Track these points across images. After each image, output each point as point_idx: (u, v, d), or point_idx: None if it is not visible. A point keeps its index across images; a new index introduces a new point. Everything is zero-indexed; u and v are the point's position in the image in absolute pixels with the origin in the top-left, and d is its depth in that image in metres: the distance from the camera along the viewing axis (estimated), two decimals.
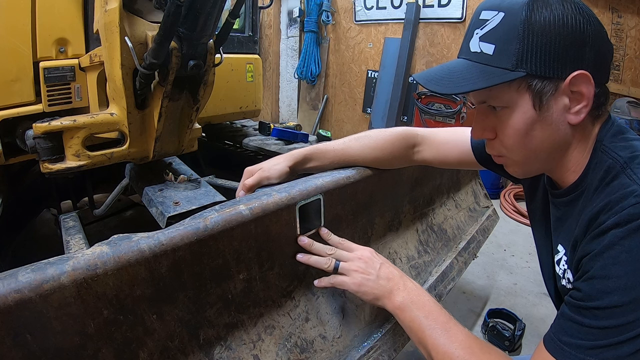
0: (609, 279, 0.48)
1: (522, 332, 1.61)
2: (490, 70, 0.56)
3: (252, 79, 2.13)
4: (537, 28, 0.53)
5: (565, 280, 0.62)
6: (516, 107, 0.57)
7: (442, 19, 3.51)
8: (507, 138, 0.60)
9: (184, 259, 0.61)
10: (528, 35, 0.53)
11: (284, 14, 4.55)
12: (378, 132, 0.95)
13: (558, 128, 0.57)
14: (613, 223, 0.49)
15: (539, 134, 0.58)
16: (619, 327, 0.47)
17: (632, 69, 2.71)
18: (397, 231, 1.15)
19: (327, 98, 4.65)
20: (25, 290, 0.46)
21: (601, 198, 0.54)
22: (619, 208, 0.50)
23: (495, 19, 0.56)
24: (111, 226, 2.23)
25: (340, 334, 0.84)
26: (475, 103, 0.64)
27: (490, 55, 0.56)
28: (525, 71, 0.54)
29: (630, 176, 0.52)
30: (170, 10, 0.92)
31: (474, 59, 0.59)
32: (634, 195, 0.49)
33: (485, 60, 0.57)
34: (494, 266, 2.24)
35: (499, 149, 0.63)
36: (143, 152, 1.28)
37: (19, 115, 1.27)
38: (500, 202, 3.08)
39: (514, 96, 0.57)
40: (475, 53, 0.58)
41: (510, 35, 0.54)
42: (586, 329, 0.50)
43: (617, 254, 0.48)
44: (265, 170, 0.87)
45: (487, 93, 0.59)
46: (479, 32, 0.58)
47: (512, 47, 0.54)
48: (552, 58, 0.54)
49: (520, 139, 0.59)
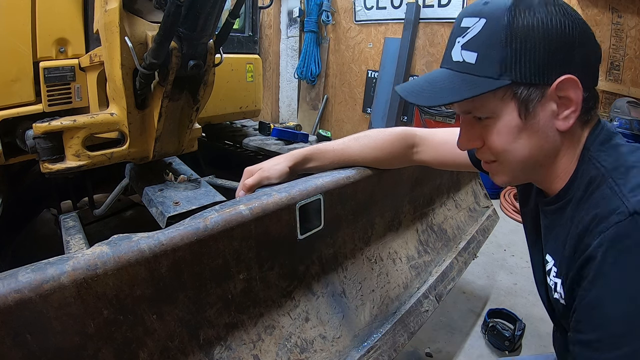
0: (605, 308, 0.47)
1: (522, 332, 1.61)
2: (473, 79, 0.54)
3: (252, 79, 2.13)
4: (520, 33, 0.51)
5: (557, 294, 0.60)
6: (501, 116, 0.56)
7: (442, 19, 3.51)
8: (494, 147, 0.58)
9: (184, 259, 0.61)
10: (511, 41, 0.51)
11: (284, 14, 4.55)
12: (377, 132, 0.95)
13: (546, 135, 0.55)
14: (598, 244, 0.48)
15: (526, 142, 0.56)
16: (626, 356, 0.45)
17: (632, 69, 2.71)
18: (397, 231, 1.15)
19: (327, 98, 4.65)
20: (25, 290, 0.46)
21: (585, 211, 0.53)
22: (602, 228, 0.48)
23: (477, 26, 0.54)
24: (111, 226, 2.22)
25: (340, 334, 0.84)
26: (460, 113, 0.62)
27: (473, 64, 0.55)
28: (510, 79, 0.52)
29: (612, 187, 0.51)
30: (170, 10, 0.92)
31: (456, 69, 0.57)
32: (617, 212, 0.48)
33: (468, 69, 0.55)
34: (494, 266, 2.24)
35: (488, 156, 0.62)
36: (143, 152, 1.28)
37: (19, 115, 1.27)
38: (500, 202, 3.08)
39: (499, 105, 0.55)
40: (458, 62, 0.57)
41: (492, 42, 0.53)
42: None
43: (609, 281, 0.47)
44: (265, 170, 0.86)
45: (471, 103, 0.57)
46: (460, 41, 0.56)
47: (495, 54, 0.53)
48: (537, 64, 0.52)
49: (506, 147, 0.57)
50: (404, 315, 1.00)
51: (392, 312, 0.99)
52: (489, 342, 1.63)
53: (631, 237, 0.46)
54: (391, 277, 1.05)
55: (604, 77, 2.80)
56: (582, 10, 2.75)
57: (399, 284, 1.06)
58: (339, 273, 0.92)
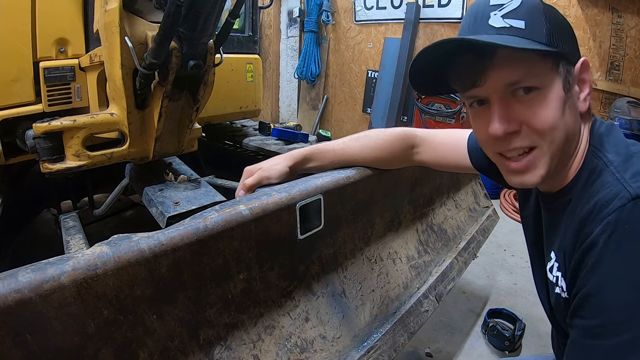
0: (607, 295, 0.47)
1: (522, 332, 1.61)
2: (528, 41, 0.52)
3: (252, 79, 2.13)
4: (552, 15, 0.54)
5: (559, 289, 0.60)
6: (551, 87, 0.54)
7: (442, 19, 3.51)
8: (542, 123, 0.54)
9: (184, 259, 0.61)
10: (550, 17, 0.54)
11: (284, 14, 4.55)
12: (377, 132, 0.95)
13: (576, 114, 0.57)
14: (600, 231, 0.48)
15: (569, 117, 0.55)
16: (629, 342, 0.45)
17: (632, 69, 2.71)
18: (397, 231, 1.15)
19: (327, 98, 4.65)
20: (25, 290, 0.46)
21: (586, 199, 0.53)
22: (604, 214, 0.48)
23: (514, 2, 0.54)
24: (111, 226, 2.23)
25: (340, 334, 0.84)
26: (501, 89, 0.55)
27: (523, 29, 0.53)
28: (556, 49, 0.53)
29: (613, 174, 0.51)
30: (170, 10, 0.92)
31: (505, 33, 0.53)
32: (619, 197, 0.48)
33: (519, 33, 0.53)
34: (494, 266, 2.24)
35: (531, 139, 0.56)
36: (143, 152, 1.28)
37: (19, 115, 1.27)
38: (500, 202, 3.08)
39: (549, 74, 0.54)
40: (504, 28, 0.53)
41: (536, 14, 0.53)
42: (599, 351, 0.48)
43: (610, 268, 0.47)
44: (265, 170, 0.86)
45: (527, 70, 0.53)
46: (498, 13, 0.54)
47: (541, 25, 0.53)
48: (570, 41, 0.55)
49: (556, 122, 0.54)
50: (404, 315, 1.00)
51: (392, 312, 0.99)
52: (489, 342, 1.63)
53: (633, 223, 0.46)
54: (391, 277, 1.05)
55: (604, 77, 2.80)
56: (582, 10, 2.75)
57: (399, 284, 1.06)
58: (339, 273, 0.92)
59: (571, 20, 2.78)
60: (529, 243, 0.77)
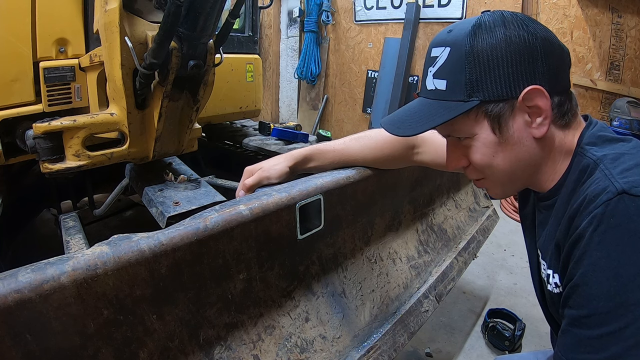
0: (591, 286, 0.48)
1: (522, 332, 1.61)
2: (447, 104, 0.58)
3: (252, 79, 2.13)
4: (482, 54, 0.55)
5: (551, 285, 0.62)
6: (478, 135, 0.60)
7: (442, 19, 3.51)
8: (477, 164, 0.62)
9: (184, 259, 0.61)
10: (474, 64, 0.56)
11: (284, 14, 4.55)
12: (378, 132, 0.95)
13: (523, 145, 0.59)
14: (587, 224, 0.50)
15: (505, 155, 0.59)
16: (613, 333, 0.46)
17: (632, 69, 2.71)
18: (397, 231, 1.15)
19: (327, 98, 4.65)
20: (25, 290, 0.46)
21: (577, 196, 0.54)
22: (592, 208, 0.50)
23: (443, 55, 0.59)
24: (111, 226, 2.23)
25: (340, 334, 0.84)
26: (443, 136, 0.68)
27: (444, 90, 0.59)
28: (478, 99, 0.56)
29: (603, 171, 0.52)
30: (170, 10, 0.92)
31: (431, 97, 0.61)
32: (605, 192, 0.49)
33: (441, 96, 0.60)
34: (494, 266, 2.24)
35: (477, 173, 0.65)
36: (143, 152, 1.28)
37: (19, 115, 1.27)
38: (500, 202, 3.08)
39: (473, 125, 0.59)
40: (431, 90, 0.61)
41: (457, 68, 0.57)
42: (586, 341, 0.49)
43: (595, 260, 0.48)
44: (265, 170, 0.86)
45: (450, 127, 0.61)
46: (432, 70, 0.61)
47: (462, 78, 0.57)
48: (501, 80, 0.55)
49: (488, 163, 0.61)
50: (404, 315, 1.00)
51: (392, 312, 0.99)
52: (489, 342, 1.63)
53: (617, 216, 0.47)
54: (391, 277, 1.05)
55: (604, 77, 2.80)
56: (582, 10, 2.75)
57: (399, 284, 1.06)
58: (339, 273, 0.92)
59: (571, 20, 2.79)
60: (527, 242, 0.78)
